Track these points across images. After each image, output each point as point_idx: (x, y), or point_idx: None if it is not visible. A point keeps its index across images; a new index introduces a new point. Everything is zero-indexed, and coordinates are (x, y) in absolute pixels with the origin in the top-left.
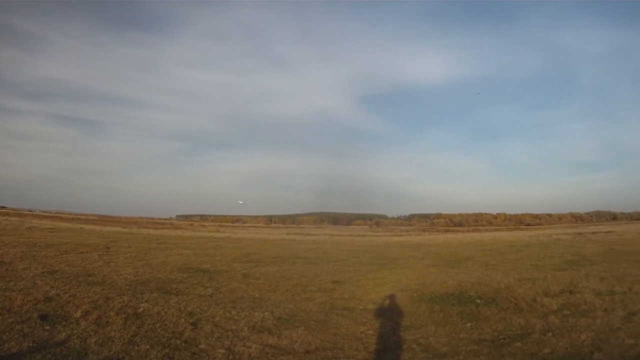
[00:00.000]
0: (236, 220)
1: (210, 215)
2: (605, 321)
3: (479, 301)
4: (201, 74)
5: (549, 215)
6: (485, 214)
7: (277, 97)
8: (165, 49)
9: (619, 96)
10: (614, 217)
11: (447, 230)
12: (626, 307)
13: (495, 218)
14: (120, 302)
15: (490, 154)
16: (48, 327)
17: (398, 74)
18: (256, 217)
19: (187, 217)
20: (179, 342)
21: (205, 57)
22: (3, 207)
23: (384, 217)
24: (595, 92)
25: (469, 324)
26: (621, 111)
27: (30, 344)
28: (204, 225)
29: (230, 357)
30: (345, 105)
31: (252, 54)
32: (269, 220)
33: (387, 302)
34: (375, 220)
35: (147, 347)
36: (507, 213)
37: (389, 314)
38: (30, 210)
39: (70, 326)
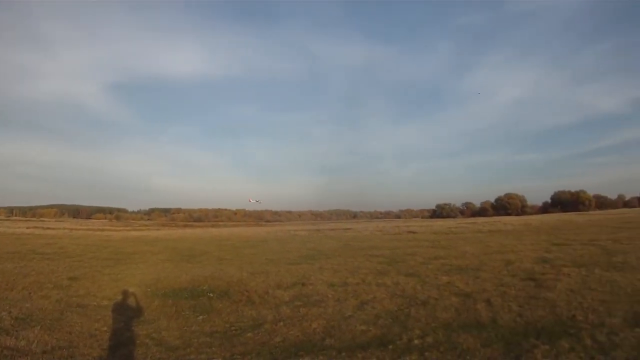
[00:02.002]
0: None
1: None
2: (337, 310)
3: (212, 295)
4: None
5: (289, 212)
6: (225, 209)
7: (25, 77)
8: None
9: (363, 105)
10: (354, 215)
11: (186, 226)
12: (358, 297)
13: (235, 214)
14: None
15: (232, 151)
16: None
17: (151, 65)
18: None
19: None
20: None
21: None
22: None
23: (125, 210)
24: (341, 100)
25: (201, 317)
26: (364, 119)
27: None
28: None
29: None
30: (93, 91)
31: (8, 27)
32: (10, 212)
33: (122, 297)
34: (115, 214)
35: None
36: (247, 209)
37: (123, 310)
38: None
39: None
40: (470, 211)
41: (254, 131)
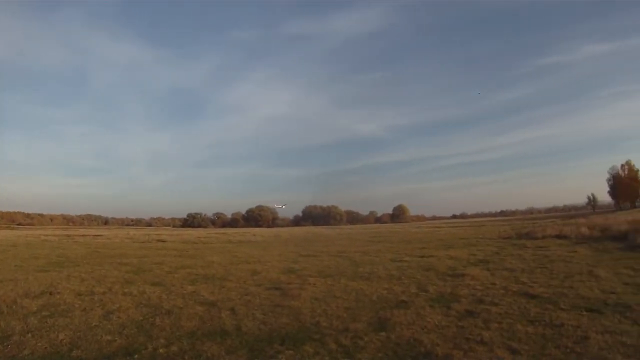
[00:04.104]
0: None
1: None
2: (83, 320)
3: None
4: None
5: (41, 215)
6: None
7: None
8: None
9: (123, 107)
10: (106, 221)
11: None
12: (105, 307)
13: None
14: None
15: None
16: None
17: None
18: None
19: None
20: None
21: None
22: None
23: None
24: (101, 99)
25: None
26: (121, 121)
27: None
28: None
29: None
30: None
31: None
32: None
33: None
34: None
35: None
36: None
37: None
38: None
39: None
40: (221, 221)
41: (11, 123)
